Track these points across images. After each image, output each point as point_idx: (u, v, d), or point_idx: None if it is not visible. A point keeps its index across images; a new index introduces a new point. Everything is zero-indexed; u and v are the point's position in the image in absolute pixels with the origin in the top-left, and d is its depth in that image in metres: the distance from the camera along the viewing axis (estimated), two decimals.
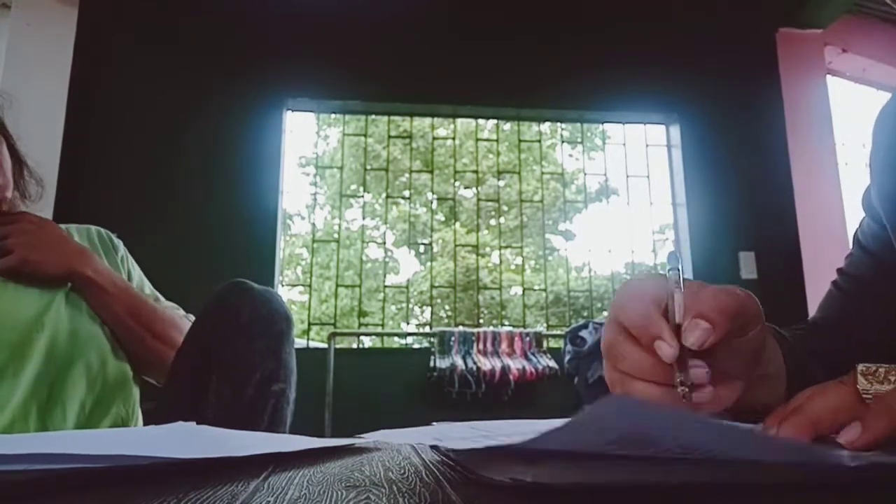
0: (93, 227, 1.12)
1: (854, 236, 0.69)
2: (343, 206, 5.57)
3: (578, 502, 0.29)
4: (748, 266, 3.41)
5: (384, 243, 6.56)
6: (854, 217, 3.66)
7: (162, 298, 1.15)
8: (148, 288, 1.15)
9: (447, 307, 6.02)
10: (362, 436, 0.54)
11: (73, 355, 0.93)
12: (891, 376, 0.33)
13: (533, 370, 3.09)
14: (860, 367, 0.35)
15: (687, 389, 0.38)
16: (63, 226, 1.06)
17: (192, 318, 1.05)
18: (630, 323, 0.42)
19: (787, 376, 0.51)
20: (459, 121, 3.93)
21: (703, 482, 0.29)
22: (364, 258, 5.65)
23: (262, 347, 0.95)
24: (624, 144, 3.84)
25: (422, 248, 7.10)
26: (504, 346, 3.20)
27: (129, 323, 1.00)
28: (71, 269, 0.96)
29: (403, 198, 5.26)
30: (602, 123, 3.94)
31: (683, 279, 0.42)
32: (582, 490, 0.29)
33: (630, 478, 0.29)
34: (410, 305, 6.41)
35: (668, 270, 0.43)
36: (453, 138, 4.14)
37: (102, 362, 0.96)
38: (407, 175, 4.51)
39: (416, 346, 3.77)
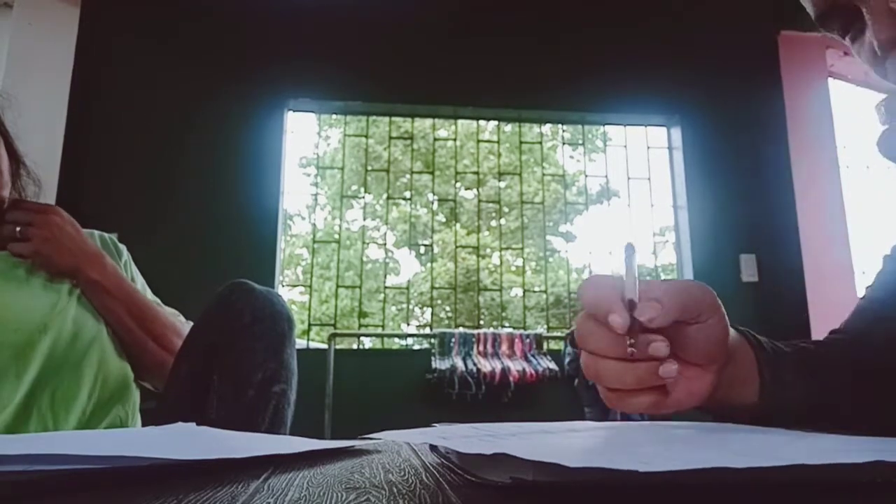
0: (96, 232, 1.13)
1: (883, 258, 0.70)
2: (344, 206, 5.56)
3: (579, 502, 0.29)
4: (749, 269, 3.41)
5: (385, 244, 6.56)
6: (855, 219, 3.66)
7: (163, 305, 1.15)
8: (150, 295, 1.15)
9: (447, 308, 6.01)
10: (366, 436, 0.54)
11: (75, 357, 0.93)
12: None
13: (533, 372, 3.09)
14: None
15: (634, 349, 0.44)
16: None
17: (192, 324, 1.05)
18: (589, 304, 0.47)
19: (760, 384, 0.53)
20: (460, 122, 3.93)
21: (703, 482, 0.29)
22: (364, 259, 5.64)
23: (264, 348, 0.95)
24: (625, 146, 3.84)
25: (422, 249, 7.09)
26: (504, 347, 3.20)
27: (131, 327, 1.00)
28: (77, 270, 0.97)
29: (404, 199, 5.26)
30: (603, 125, 3.94)
31: (635, 263, 0.47)
32: (583, 489, 0.29)
33: (630, 477, 0.29)
34: (411, 306, 6.40)
35: (625, 258, 0.47)
36: (454, 139, 4.14)
37: (104, 364, 0.96)
38: (408, 176, 4.51)
39: (417, 347, 3.77)
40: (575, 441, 0.39)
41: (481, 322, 4.38)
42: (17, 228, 0.95)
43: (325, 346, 3.18)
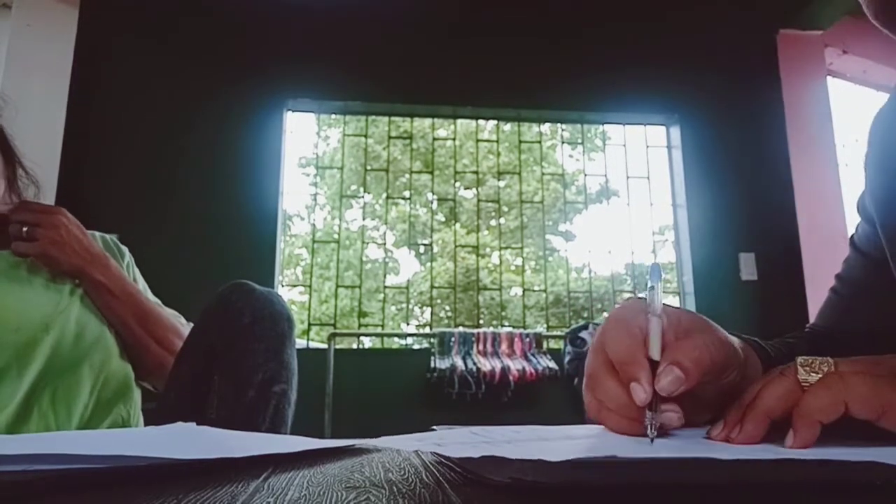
0: (97, 234, 1.13)
1: (850, 240, 0.70)
2: (343, 206, 5.56)
3: (578, 502, 0.29)
4: (748, 267, 3.41)
5: (384, 244, 6.56)
6: (855, 218, 3.65)
7: (164, 307, 1.15)
8: (151, 296, 1.16)
9: (447, 308, 6.01)
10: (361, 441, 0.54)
11: (77, 357, 0.93)
12: (823, 367, 0.39)
13: (533, 371, 3.09)
14: (799, 359, 0.40)
15: (655, 434, 0.40)
16: None
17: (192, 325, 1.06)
18: (614, 356, 0.44)
19: None
20: (459, 121, 3.93)
21: (702, 482, 0.29)
22: (364, 258, 5.64)
23: (264, 349, 0.95)
24: (624, 145, 3.84)
25: (422, 249, 7.10)
26: (504, 346, 3.20)
27: (134, 328, 1.01)
28: (82, 271, 0.98)
29: (403, 198, 5.26)
30: (602, 124, 3.94)
31: (661, 302, 0.44)
32: (582, 490, 0.30)
33: (630, 478, 0.29)
34: (410, 306, 6.40)
35: (648, 288, 0.44)
36: (453, 139, 4.14)
37: (107, 364, 0.97)
38: (407, 175, 4.51)
39: (416, 346, 3.77)
40: (567, 444, 0.39)
41: (481, 321, 4.38)
42: (24, 228, 0.96)
43: (324, 345, 3.18)
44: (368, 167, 4.22)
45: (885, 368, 0.38)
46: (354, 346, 3.83)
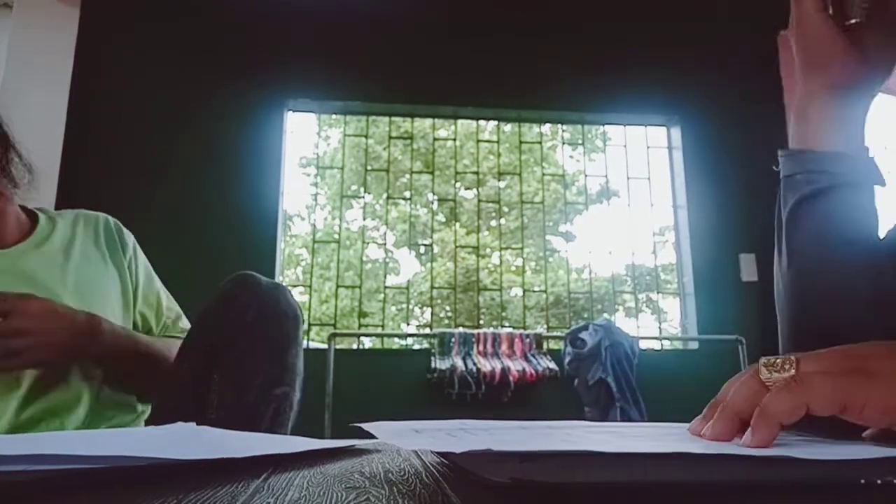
0: (101, 216, 1.09)
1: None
2: (343, 206, 5.56)
3: (578, 502, 0.29)
4: (749, 268, 3.41)
5: (384, 244, 6.55)
6: None
7: (172, 299, 1.14)
8: (157, 283, 1.13)
9: (447, 308, 6.01)
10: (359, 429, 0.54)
11: (69, 371, 0.93)
12: (786, 365, 0.39)
13: (533, 371, 3.09)
14: (762, 360, 0.41)
15: None
16: (72, 211, 1.04)
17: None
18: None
19: None
20: (460, 122, 3.93)
21: (701, 482, 0.29)
22: (364, 259, 5.63)
23: (267, 350, 0.93)
24: (625, 146, 3.84)
25: (422, 249, 7.09)
26: (504, 347, 3.20)
27: (129, 380, 1.00)
28: (74, 356, 0.92)
29: (404, 198, 5.25)
30: (603, 125, 3.94)
31: None
32: (582, 490, 0.30)
33: (630, 477, 0.29)
34: (410, 306, 6.40)
35: None
36: (454, 139, 4.14)
37: (104, 381, 0.96)
38: (407, 176, 4.51)
39: (417, 347, 3.77)
40: (545, 433, 0.40)
41: (481, 322, 4.38)
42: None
43: (325, 346, 3.17)
44: (369, 167, 4.22)
45: (850, 362, 0.39)
46: (354, 346, 3.83)
